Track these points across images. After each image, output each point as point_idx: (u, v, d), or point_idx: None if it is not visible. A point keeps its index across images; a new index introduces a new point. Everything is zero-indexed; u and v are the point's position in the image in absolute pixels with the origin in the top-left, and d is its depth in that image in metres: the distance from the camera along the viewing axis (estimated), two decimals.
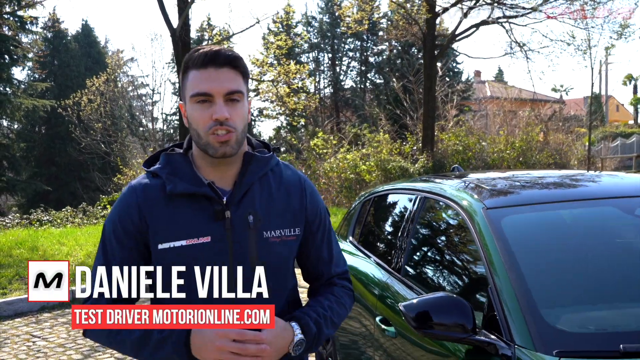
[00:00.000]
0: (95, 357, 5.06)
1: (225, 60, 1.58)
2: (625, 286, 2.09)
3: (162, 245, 1.60)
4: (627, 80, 56.40)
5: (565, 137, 23.01)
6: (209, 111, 1.57)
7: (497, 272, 2.09)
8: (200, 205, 1.61)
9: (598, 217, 2.43)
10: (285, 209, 1.70)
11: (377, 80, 34.99)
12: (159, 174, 1.65)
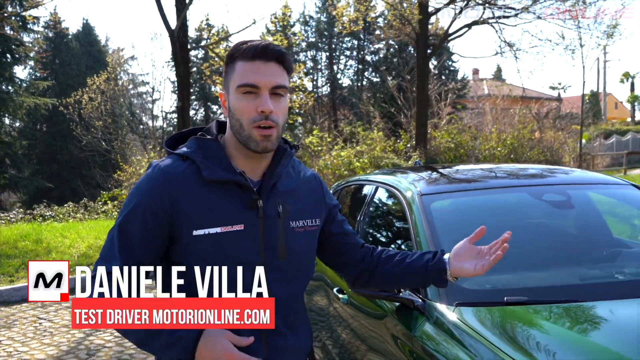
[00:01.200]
0: (97, 335, 5.56)
1: (273, 55, 1.61)
2: (523, 257, 2.59)
3: (197, 232, 1.58)
4: (624, 78, 56.87)
5: (556, 135, 23.46)
6: (255, 103, 1.59)
7: (422, 243, 2.59)
8: (233, 193, 1.63)
9: (512, 201, 2.93)
10: (306, 200, 1.76)
11: (374, 79, 35.44)
12: (192, 157, 1.64)
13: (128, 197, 1.66)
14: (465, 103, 34.41)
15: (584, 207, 3.06)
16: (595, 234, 2.99)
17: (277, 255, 1.66)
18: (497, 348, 1.92)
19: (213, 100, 34.61)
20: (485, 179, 3.24)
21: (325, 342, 3.60)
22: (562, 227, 2.89)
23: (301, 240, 1.71)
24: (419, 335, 2.28)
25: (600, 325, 2.05)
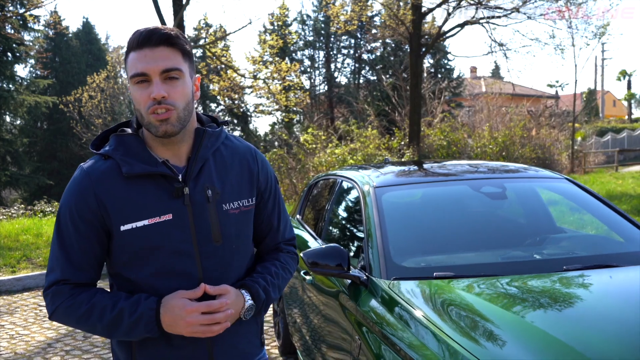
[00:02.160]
0: None
1: (159, 39, 1.58)
2: (456, 240, 2.99)
3: (124, 227, 1.59)
4: (621, 76, 57.20)
5: (548, 133, 23.82)
6: (148, 91, 1.58)
7: (371, 230, 2.98)
8: (157, 184, 1.62)
9: (453, 192, 3.33)
10: (240, 180, 1.74)
11: (371, 77, 35.82)
12: (112, 155, 1.64)
13: (60, 203, 1.68)
14: (461, 101, 34.77)
15: (517, 198, 3.46)
16: (524, 221, 3.40)
17: (211, 240, 1.65)
18: (424, 313, 2.31)
19: (211, 99, 34.97)
20: (437, 174, 3.64)
21: (297, 320, 4.00)
22: (494, 215, 3.29)
23: (236, 221, 1.70)
24: (363, 306, 2.68)
25: (510, 294, 2.44)
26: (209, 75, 20.81)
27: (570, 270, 2.61)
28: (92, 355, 4.93)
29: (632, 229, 3.19)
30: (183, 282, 1.62)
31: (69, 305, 1.62)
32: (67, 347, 5.14)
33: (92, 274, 1.67)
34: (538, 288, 2.47)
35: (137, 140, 1.66)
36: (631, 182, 18.15)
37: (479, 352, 1.98)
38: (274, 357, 4.77)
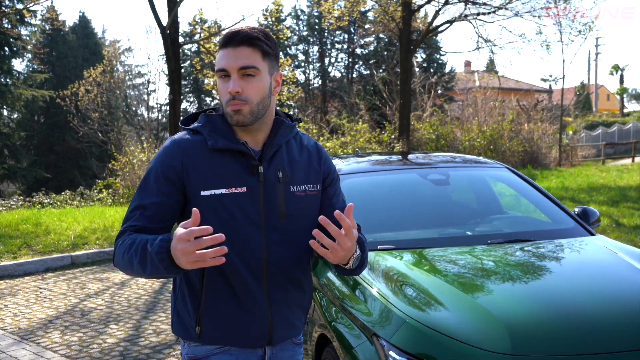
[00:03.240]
0: (89, 300, 6.44)
1: (241, 40, 1.76)
2: (404, 220, 3.48)
3: (204, 192, 1.77)
4: (613, 70, 57.69)
5: (536, 127, 24.31)
6: (227, 85, 1.78)
7: None
8: (236, 160, 1.81)
9: (403, 179, 3.82)
10: (308, 168, 1.91)
11: (364, 72, 36.25)
12: (200, 131, 1.84)
13: (148, 170, 1.86)
14: (453, 95, 35.24)
15: (459, 183, 3.95)
16: (465, 203, 3.88)
17: (277, 216, 1.82)
18: (364, 277, 2.80)
19: (206, 93, 35.34)
20: (393, 163, 4.13)
21: None
22: (437, 198, 3.77)
23: (302, 202, 1.86)
24: (319, 274, 3.16)
25: (437, 262, 2.93)
26: (202, 70, 21.17)
27: (493, 243, 3.10)
28: (89, 329, 5.41)
29: (560, 212, 3.69)
30: (245, 247, 1.78)
31: (119, 244, 1.74)
32: (66, 323, 5.62)
33: (158, 228, 1.77)
34: (461, 257, 2.97)
35: (224, 120, 1.85)
36: (614, 175, 18.62)
37: (404, 308, 2.47)
38: None
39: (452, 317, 2.38)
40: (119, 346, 4.95)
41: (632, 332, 2.29)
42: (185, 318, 1.84)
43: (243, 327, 1.80)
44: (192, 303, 1.82)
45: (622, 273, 2.79)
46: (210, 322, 1.80)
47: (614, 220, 9.58)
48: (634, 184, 15.46)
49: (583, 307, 2.43)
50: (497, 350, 2.19)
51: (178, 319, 1.88)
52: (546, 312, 2.33)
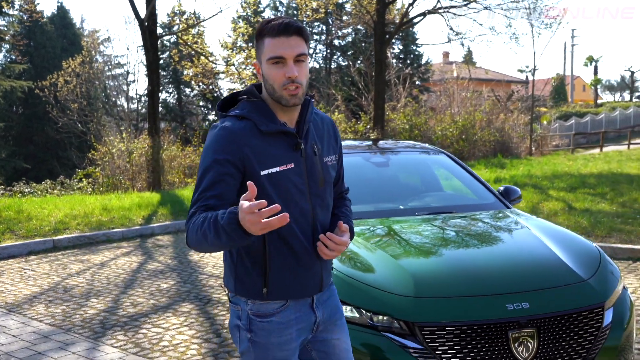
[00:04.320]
0: (71, 278, 6.90)
1: (294, 30, 1.96)
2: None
3: (263, 172, 1.96)
4: (588, 61, 58.77)
5: (507, 117, 25.03)
6: (282, 71, 1.94)
7: None
8: (283, 140, 2.02)
9: (350, 162, 4.33)
10: (329, 140, 2.18)
11: (343, 63, 36.73)
12: (248, 117, 2.01)
13: (203, 155, 2.01)
14: (429, 86, 35.89)
15: (399, 165, 4.50)
16: (403, 182, 4.43)
17: (318, 184, 2.06)
18: None
19: (185, 84, 35.55)
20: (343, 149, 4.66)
21: None
22: (377, 178, 4.30)
23: (331, 171, 2.15)
24: None
25: (370, 230, 3.47)
26: (181, 61, 21.47)
27: (420, 215, 3.64)
28: (71, 303, 5.88)
29: (484, 190, 4.25)
30: (298, 213, 2.02)
31: (192, 224, 1.89)
32: (49, 298, 6.08)
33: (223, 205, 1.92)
34: (391, 226, 3.50)
35: (267, 106, 2.04)
36: (580, 164, 19.36)
37: (336, 265, 3.00)
38: (224, 300, 5.78)
39: (371, 270, 2.92)
40: (99, 316, 5.44)
41: (512, 279, 2.86)
42: (249, 282, 2.04)
43: (302, 281, 2.06)
44: (256, 269, 2.03)
45: (518, 236, 3.36)
46: (276, 282, 2.02)
47: (567, 204, 10.22)
48: (596, 171, 16.19)
49: (476, 261, 3.00)
50: (403, 294, 2.74)
51: (241, 284, 2.06)
52: (446, 266, 2.88)
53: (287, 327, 2.05)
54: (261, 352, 2.04)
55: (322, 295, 2.16)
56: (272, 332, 2.04)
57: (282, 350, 2.04)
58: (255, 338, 2.04)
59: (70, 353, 4.50)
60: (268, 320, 2.04)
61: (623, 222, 8.32)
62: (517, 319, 2.67)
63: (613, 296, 2.97)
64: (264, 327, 2.04)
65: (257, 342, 2.04)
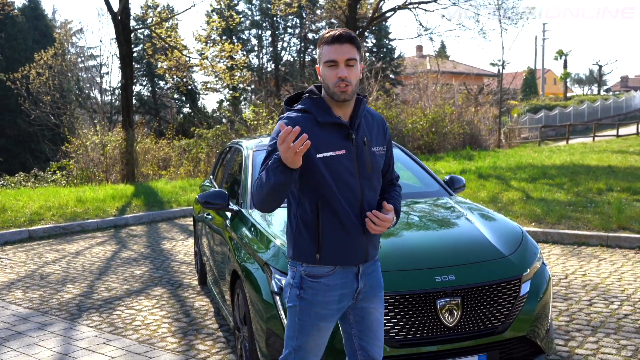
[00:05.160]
0: (47, 266, 7.18)
1: (345, 39, 2.34)
2: None
3: (318, 155, 2.32)
4: (558, 55, 59.90)
5: (476, 110, 25.63)
6: (335, 72, 2.33)
7: (246, 179, 4.35)
8: (336, 130, 2.39)
9: None
10: (377, 134, 2.52)
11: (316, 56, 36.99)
12: (309, 110, 2.41)
13: (270, 139, 2.38)
14: (401, 79, 36.39)
15: None
16: None
17: (366, 168, 2.42)
18: (261, 226, 3.70)
19: (159, 77, 35.53)
20: None
21: (206, 253, 5.36)
22: None
23: (379, 159, 2.49)
24: (234, 226, 4.05)
25: None
26: (154, 55, 21.57)
27: None
28: (48, 288, 6.17)
29: (430, 179, 4.67)
30: (347, 191, 2.38)
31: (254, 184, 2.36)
32: (27, 285, 6.37)
33: None
34: None
35: (324, 102, 2.43)
36: (545, 156, 19.97)
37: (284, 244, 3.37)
38: (194, 285, 6.13)
39: None
40: (75, 300, 5.75)
41: (441, 255, 3.28)
42: (304, 248, 2.41)
43: (350, 251, 2.40)
44: (310, 237, 2.39)
45: (452, 219, 3.78)
46: (327, 249, 2.38)
47: (525, 194, 10.72)
48: (558, 163, 16.79)
49: (411, 240, 3.42)
50: None
51: (298, 250, 2.43)
52: (384, 244, 3.27)
53: (332, 289, 2.41)
54: (306, 306, 2.40)
55: (368, 267, 2.50)
56: (319, 292, 2.40)
57: (325, 308, 2.40)
58: (303, 295, 2.41)
59: (49, 332, 4.81)
60: (317, 281, 2.40)
61: (574, 210, 8.84)
62: (444, 289, 3.08)
63: (531, 270, 3.40)
64: (313, 286, 2.40)
65: (305, 298, 2.41)
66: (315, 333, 2.42)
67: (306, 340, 2.43)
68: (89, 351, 4.36)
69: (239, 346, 3.84)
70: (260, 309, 3.30)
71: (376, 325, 2.55)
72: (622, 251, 6.91)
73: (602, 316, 4.72)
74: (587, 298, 5.21)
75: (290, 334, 2.46)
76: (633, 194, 10.02)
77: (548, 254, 6.95)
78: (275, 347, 3.21)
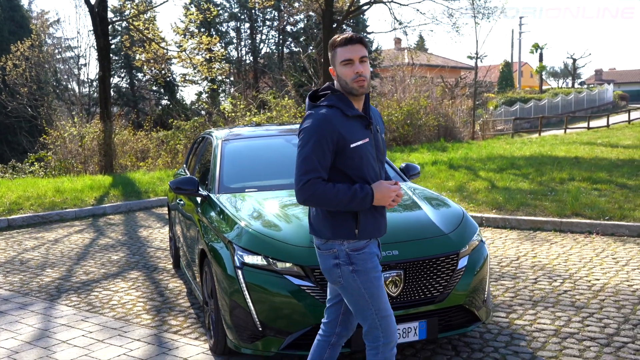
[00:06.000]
0: (27, 252, 7.45)
1: (356, 41, 2.71)
2: (267, 172, 4.74)
3: (352, 145, 2.68)
4: (534, 48, 60.72)
5: (450, 103, 26.11)
6: (352, 69, 2.67)
7: (215, 166, 4.69)
8: (359, 122, 2.75)
9: (273, 143, 5.08)
10: (378, 122, 2.90)
11: (295, 49, 37.26)
12: (336, 105, 2.71)
13: (306, 136, 2.67)
14: (378, 72, 36.77)
15: None
16: None
17: (382, 153, 2.86)
18: (227, 208, 4.04)
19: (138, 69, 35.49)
20: (268, 131, 5.40)
21: (179, 237, 5.68)
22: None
23: (385, 144, 2.93)
24: (203, 210, 4.39)
25: (279, 197, 4.21)
26: (132, 47, 21.67)
27: None
28: (28, 273, 6.45)
29: (387, 167, 5.04)
30: (373, 174, 2.76)
31: (324, 190, 2.64)
32: (7, 270, 6.63)
33: (326, 174, 2.69)
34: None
35: (346, 97, 2.76)
36: (516, 147, 20.47)
37: (250, 224, 3.73)
38: (169, 268, 6.45)
39: (278, 228, 3.66)
40: (54, 283, 6.04)
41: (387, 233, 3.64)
42: (344, 226, 2.73)
43: (378, 225, 2.81)
44: (350, 216, 2.73)
45: (402, 202, 4.14)
46: (363, 225, 2.74)
47: (491, 184, 11.17)
48: (528, 154, 17.30)
49: None
50: (301, 244, 3.49)
51: (339, 229, 2.74)
52: None
53: (373, 256, 2.78)
54: (364, 275, 2.73)
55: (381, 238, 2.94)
56: (367, 260, 2.75)
57: (376, 271, 2.76)
58: (357, 267, 2.73)
59: (30, 311, 5.11)
60: (362, 252, 2.74)
61: (534, 198, 9.29)
62: (388, 262, 3.44)
63: (469, 247, 3.78)
64: (361, 257, 2.74)
65: (359, 270, 2.73)
66: (382, 293, 2.77)
67: (379, 302, 2.75)
68: (68, 327, 4.68)
69: (207, 320, 4.18)
70: (225, 284, 3.65)
71: None
72: (574, 235, 7.37)
73: (544, 292, 5.14)
74: (533, 277, 5.64)
75: (363, 306, 2.75)
76: (592, 183, 10.51)
77: (505, 239, 7.39)
78: (238, 318, 3.57)
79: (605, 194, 9.36)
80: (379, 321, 2.75)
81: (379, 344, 2.76)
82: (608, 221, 7.55)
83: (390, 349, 2.78)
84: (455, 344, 4.07)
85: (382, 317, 2.75)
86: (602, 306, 4.73)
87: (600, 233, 7.37)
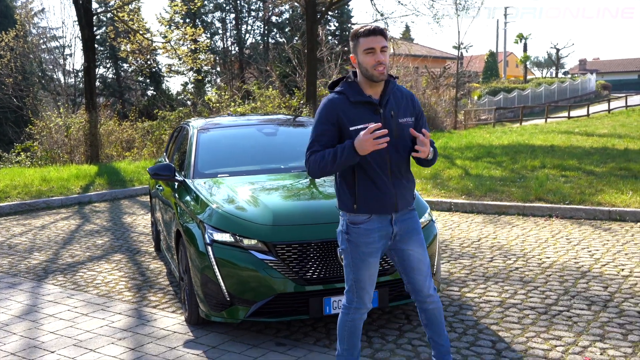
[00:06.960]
0: (15, 238, 7.78)
1: (378, 32, 2.93)
2: (240, 159, 5.11)
3: (352, 127, 2.93)
4: (518, 39, 61.26)
5: (433, 92, 26.54)
6: (373, 57, 2.89)
7: (190, 154, 5.06)
8: (366, 107, 2.98)
9: (245, 132, 5.45)
10: (406, 107, 3.07)
11: (280, 40, 37.49)
12: (344, 92, 3.00)
13: (316, 118, 3.04)
14: None
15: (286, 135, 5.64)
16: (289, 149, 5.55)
17: (393, 136, 2.95)
18: (200, 192, 4.42)
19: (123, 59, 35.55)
20: (243, 121, 5.77)
21: (159, 221, 6.05)
22: (267, 145, 5.41)
23: (406, 127, 3.04)
24: (179, 195, 4.76)
25: (252, 183, 4.59)
26: (117, 38, 21.84)
27: (294, 172, 4.78)
28: (16, 256, 6.78)
29: None
30: (376, 155, 2.92)
31: (315, 157, 2.96)
32: None
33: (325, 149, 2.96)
34: (268, 180, 4.63)
35: (357, 84, 3.03)
36: (496, 136, 20.91)
37: (221, 206, 4.10)
38: (151, 251, 6.82)
39: (245, 209, 4.05)
40: (41, 265, 6.39)
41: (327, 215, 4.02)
42: (346, 200, 3.04)
43: (380, 202, 3.00)
44: (349, 191, 3.02)
45: None
46: (362, 201, 2.99)
47: (465, 171, 11.59)
48: (506, 143, 17.74)
49: (318, 201, 4.24)
50: (265, 223, 3.88)
51: (342, 202, 3.07)
52: (296, 204, 4.04)
53: (371, 232, 3.02)
54: (354, 247, 3.03)
55: (401, 215, 3.09)
56: (361, 235, 3.01)
57: (368, 247, 3.02)
58: (350, 238, 3.04)
59: (18, 290, 5.47)
60: (358, 227, 3.02)
61: (502, 184, 9.73)
62: None
63: None
64: (356, 231, 3.02)
65: (352, 241, 3.03)
66: (366, 267, 3.05)
67: (360, 274, 3.06)
68: (55, 303, 5.04)
69: (182, 295, 4.56)
70: (197, 260, 4.03)
71: (416, 263, 3.14)
72: (535, 219, 7.81)
73: (497, 269, 5.57)
74: (490, 256, 6.06)
75: (348, 270, 3.09)
76: (562, 170, 10.96)
77: (470, 222, 7.81)
78: (210, 291, 3.95)
79: (572, 180, 9.82)
80: (356, 289, 3.09)
81: (351, 306, 3.13)
82: (568, 205, 8.00)
83: (361, 314, 3.15)
84: (409, 314, 4.48)
85: (360, 287, 3.08)
86: (547, 280, 5.16)
87: (560, 216, 7.82)
